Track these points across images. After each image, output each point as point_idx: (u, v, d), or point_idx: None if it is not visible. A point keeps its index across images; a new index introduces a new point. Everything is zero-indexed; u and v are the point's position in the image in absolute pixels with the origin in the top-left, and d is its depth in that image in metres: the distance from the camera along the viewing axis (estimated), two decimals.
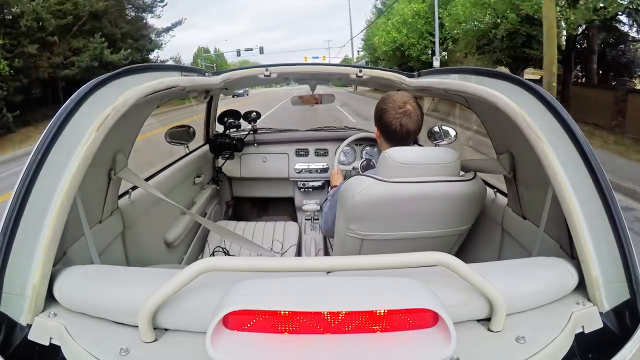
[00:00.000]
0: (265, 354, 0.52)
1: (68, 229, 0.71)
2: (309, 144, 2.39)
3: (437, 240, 1.16)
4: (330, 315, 0.52)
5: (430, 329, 0.54)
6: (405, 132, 1.14)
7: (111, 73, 0.78)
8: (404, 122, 1.13)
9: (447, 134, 1.89)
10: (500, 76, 0.85)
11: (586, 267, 0.68)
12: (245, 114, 2.30)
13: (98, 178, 1.00)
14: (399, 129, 1.13)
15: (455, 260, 0.60)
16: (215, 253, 1.82)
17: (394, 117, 1.13)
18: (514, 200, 1.14)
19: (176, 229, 1.64)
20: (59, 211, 0.66)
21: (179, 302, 0.63)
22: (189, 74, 1.16)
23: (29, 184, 0.64)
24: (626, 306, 0.66)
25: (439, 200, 1.06)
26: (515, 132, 0.79)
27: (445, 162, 1.06)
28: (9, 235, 0.62)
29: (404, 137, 1.15)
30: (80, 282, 0.70)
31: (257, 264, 0.60)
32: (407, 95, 1.18)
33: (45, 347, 0.61)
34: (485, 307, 0.65)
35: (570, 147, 0.71)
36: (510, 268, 0.78)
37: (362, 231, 1.11)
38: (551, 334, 0.62)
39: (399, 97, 1.17)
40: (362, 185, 1.03)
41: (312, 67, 1.46)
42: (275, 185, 2.50)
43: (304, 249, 2.00)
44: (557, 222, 0.85)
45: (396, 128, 1.13)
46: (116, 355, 0.58)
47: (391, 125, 1.14)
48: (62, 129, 0.68)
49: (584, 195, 0.69)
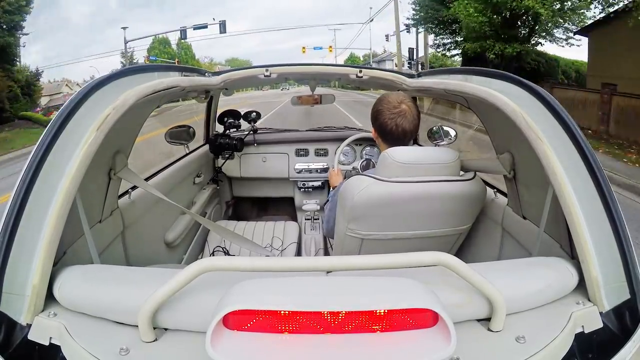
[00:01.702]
0: (265, 354, 0.52)
1: (68, 229, 0.71)
2: (309, 144, 2.39)
3: (437, 240, 1.16)
4: (330, 315, 0.52)
5: (430, 329, 0.54)
6: (401, 132, 1.14)
7: (111, 73, 0.78)
8: (399, 122, 1.13)
9: (447, 134, 1.89)
10: (500, 76, 0.85)
11: (586, 267, 0.68)
12: (245, 114, 2.30)
13: (98, 178, 1.00)
14: (395, 129, 1.14)
15: (455, 260, 0.60)
16: (215, 253, 1.82)
17: (389, 117, 1.14)
18: (514, 200, 1.14)
19: (176, 228, 1.64)
20: (59, 211, 0.66)
21: (179, 302, 0.63)
22: (189, 74, 1.16)
23: (29, 184, 0.64)
24: (626, 306, 0.66)
25: (438, 200, 1.06)
26: (515, 132, 0.79)
27: (445, 162, 1.06)
28: (9, 235, 0.62)
29: (400, 137, 1.15)
30: (80, 281, 0.70)
31: (257, 263, 0.60)
32: (402, 95, 1.19)
33: (45, 346, 0.61)
34: (485, 307, 0.65)
35: (570, 147, 0.71)
36: (510, 268, 0.78)
37: (362, 231, 1.11)
38: (551, 334, 0.62)
39: (394, 97, 1.17)
40: (362, 185, 1.03)
41: (312, 67, 1.46)
42: (275, 185, 2.50)
43: (303, 249, 2.00)
44: (557, 222, 0.85)
45: (392, 128, 1.14)
46: (116, 355, 0.58)
47: (387, 126, 1.14)
48: (62, 129, 0.68)
49: (584, 195, 0.69)
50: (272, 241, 1.96)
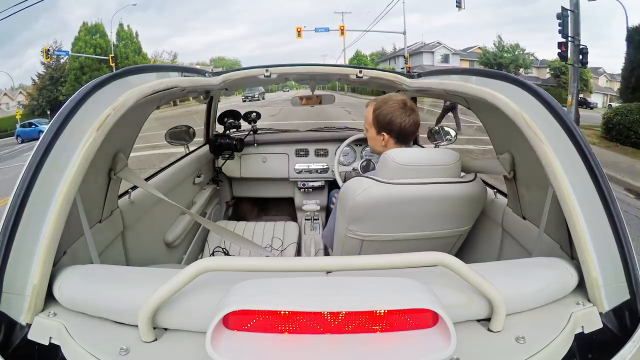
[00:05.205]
0: (266, 354, 0.52)
1: (68, 229, 0.71)
2: (309, 144, 2.39)
3: (437, 241, 1.16)
4: (330, 316, 0.52)
5: (430, 329, 0.54)
6: (415, 126, 1.21)
7: (111, 73, 0.79)
8: (413, 117, 1.19)
9: (447, 134, 1.89)
10: (500, 76, 0.85)
11: (586, 268, 0.68)
12: (245, 114, 2.31)
13: (98, 178, 1.00)
14: (410, 126, 1.19)
15: (455, 260, 0.60)
16: (215, 253, 1.82)
17: (405, 115, 1.18)
18: (514, 201, 1.14)
19: (176, 229, 1.64)
20: (59, 211, 0.66)
21: (179, 302, 0.63)
22: (189, 74, 1.16)
23: (29, 184, 0.64)
24: (626, 306, 0.66)
25: (439, 202, 1.06)
26: (515, 133, 0.79)
27: (446, 164, 1.06)
28: (9, 235, 0.62)
29: (414, 131, 1.21)
30: (80, 281, 0.70)
31: (257, 264, 0.60)
32: (399, 94, 1.24)
33: (45, 346, 0.61)
34: (485, 307, 0.65)
35: (570, 147, 0.71)
36: (510, 268, 0.78)
37: (362, 232, 1.11)
38: (551, 334, 0.62)
39: (396, 98, 1.21)
40: (362, 187, 1.03)
41: (312, 67, 1.46)
42: (275, 185, 2.50)
43: (303, 249, 2.00)
44: (557, 222, 0.85)
45: (408, 125, 1.19)
46: (116, 355, 0.58)
47: (405, 124, 1.18)
48: (62, 129, 0.68)
49: (584, 195, 0.69)
50: (272, 241, 1.96)
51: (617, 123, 8.72)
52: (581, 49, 10.26)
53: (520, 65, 24.55)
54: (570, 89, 10.63)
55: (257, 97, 21.88)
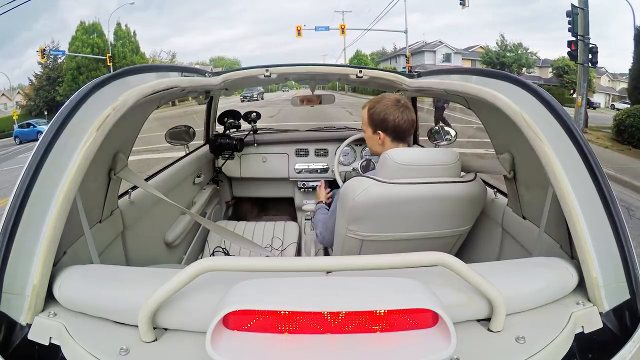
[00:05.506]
0: (265, 354, 0.52)
1: (68, 229, 0.71)
2: (309, 144, 2.39)
3: (437, 241, 1.15)
4: (330, 316, 0.52)
5: (430, 329, 0.54)
6: (410, 123, 1.21)
7: (111, 73, 0.78)
8: (407, 114, 1.20)
9: (447, 134, 1.89)
10: (500, 76, 0.85)
11: (586, 268, 0.68)
12: (245, 114, 2.31)
13: (98, 178, 1.00)
14: (405, 122, 1.20)
15: (455, 260, 0.60)
16: (215, 253, 1.82)
17: (399, 112, 1.18)
18: (514, 200, 1.14)
19: (176, 229, 1.64)
20: (59, 211, 0.66)
21: (179, 302, 0.63)
22: (189, 74, 1.16)
23: (29, 184, 0.64)
24: (626, 306, 0.66)
25: (439, 202, 1.06)
26: (515, 132, 0.79)
27: (446, 164, 1.06)
28: (9, 235, 0.62)
29: (409, 129, 1.21)
30: (80, 282, 0.70)
31: (257, 264, 0.60)
32: (394, 94, 1.26)
33: (45, 346, 0.61)
34: (485, 307, 0.65)
35: (570, 147, 0.71)
36: (510, 268, 0.78)
37: (362, 232, 1.11)
38: (551, 334, 0.62)
39: (389, 96, 1.22)
40: (362, 187, 1.03)
41: (312, 67, 1.46)
42: (275, 185, 2.50)
43: (303, 249, 2.00)
44: (557, 222, 0.85)
45: (403, 122, 1.19)
46: (116, 355, 0.58)
47: (399, 120, 1.19)
48: (62, 129, 0.68)
49: (584, 195, 0.69)
50: (272, 241, 1.96)
51: (630, 125, 8.40)
52: (590, 48, 9.88)
53: (523, 65, 24.51)
54: (580, 90, 10.15)
55: (255, 97, 21.63)
